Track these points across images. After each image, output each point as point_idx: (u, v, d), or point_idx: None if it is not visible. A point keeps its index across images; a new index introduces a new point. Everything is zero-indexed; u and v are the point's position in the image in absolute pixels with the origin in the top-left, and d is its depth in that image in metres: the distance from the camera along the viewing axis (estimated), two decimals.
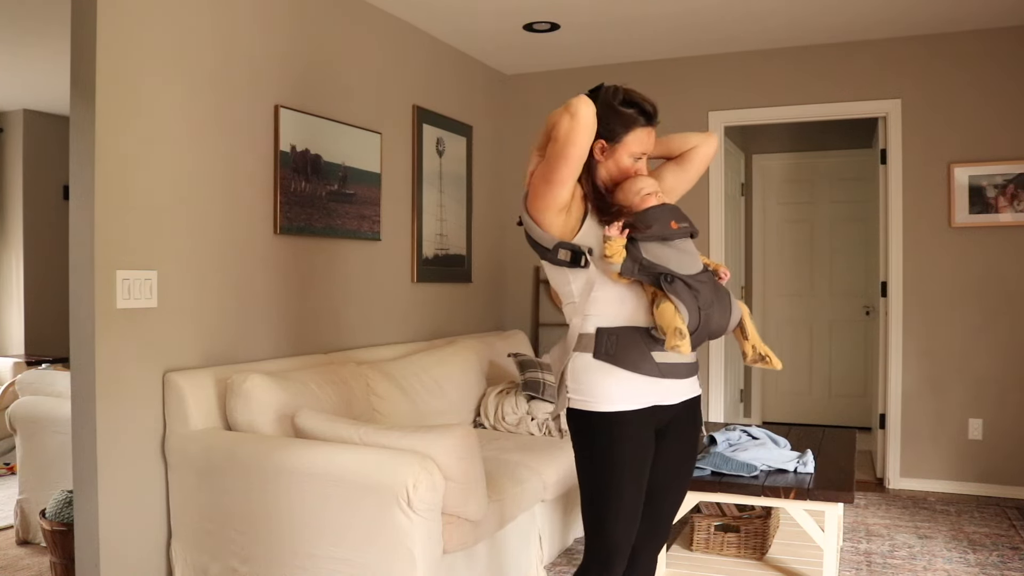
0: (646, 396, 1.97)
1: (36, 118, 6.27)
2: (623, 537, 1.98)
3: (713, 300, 1.93)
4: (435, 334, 4.63)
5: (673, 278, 1.89)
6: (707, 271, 1.99)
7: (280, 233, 3.41)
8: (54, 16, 4.00)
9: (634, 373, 1.94)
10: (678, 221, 1.96)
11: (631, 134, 2.00)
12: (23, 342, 6.22)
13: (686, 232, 1.97)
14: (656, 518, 2.13)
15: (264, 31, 3.34)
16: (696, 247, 2.02)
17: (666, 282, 1.89)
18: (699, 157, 2.16)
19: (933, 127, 4.63)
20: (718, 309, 1.94)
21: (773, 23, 4.44)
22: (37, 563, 3.47)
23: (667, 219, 1.94)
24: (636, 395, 1.95)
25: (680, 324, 1.85)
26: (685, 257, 1.94)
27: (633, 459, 1.96)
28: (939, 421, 4.65)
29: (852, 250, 6.44)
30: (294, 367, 3.25)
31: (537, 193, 1.94)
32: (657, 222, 1.93)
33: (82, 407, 2.66)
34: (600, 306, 1.97)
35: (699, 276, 1.94)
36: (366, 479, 2.45)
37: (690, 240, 2.00)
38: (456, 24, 4.44)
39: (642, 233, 1.91)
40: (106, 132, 2.65)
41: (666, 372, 1.97)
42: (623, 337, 1.94)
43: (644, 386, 1.96)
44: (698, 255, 1.99)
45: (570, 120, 1.84)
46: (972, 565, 3.42)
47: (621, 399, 1.95)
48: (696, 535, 3.33)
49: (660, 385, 1.98)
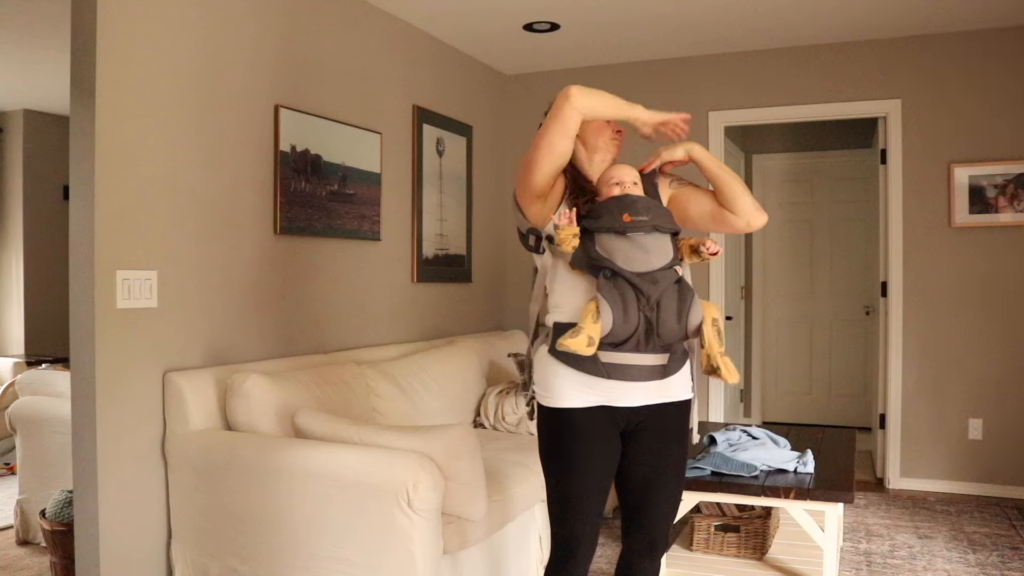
0: (592, 395, 1.95)
1: (36, 118, 6.27)
2: (582, 530, 1.99)
3: (660, 302, 1.84)
4: (435, 334, 4.63)
5: (614, 274, 1.84)
6: (670, 270, 1.88)
7: (280, 233, 3.41)
8: (54, 16, 4.00)
9: (579, 371, 1.93)
10: (634, 214, 1.87)
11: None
12: (23, 342, 6.22)
13: (642, 226, 1.87)
14: (643, 525, 2.06)
15: (264, 31, 3.34)
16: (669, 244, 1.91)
17: (605, 277, 1.85)
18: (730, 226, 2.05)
19: (933, 127, 4.63)
20: (667, 311, 1.84)
21: (773, 23, 4.44)
22: (37, 563, 3.47)
23: (620, 211, 1.88)
24: (582, 393, 1.95)
25: (588, 324, 1.81)
26: (638, 253, 1.85)
27: (585, 455, 1.96)
28: (939, 421, 4.65)
29: (852, 250, 6.44)
30: (294, 367, 3.25)
31: (519, 179, 2.00)
32: (608, 214, 1.88)
33: (82, 407, 2.66)
34: (557, 297, 1.99)
35: (651, 275, 1.84)
36: (366, 479, 2.45)
37: (657, 236, 1.89)
38: (456, 24, 4.44)
39: (592, 223, 1.89)
40: (106, 132, 2.65)
41: (613, 373, 1.91)
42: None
43: (591, 385, 1.94)
44: (663, 253, 1.88)
45: (566, 102, 1.89)
46: (972, 565, 3.42)
47: (569, 396, 1.96)
48: (696, 535, 3.33)
49: (607, 385, 1.93)
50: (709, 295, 5.08)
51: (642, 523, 2.06)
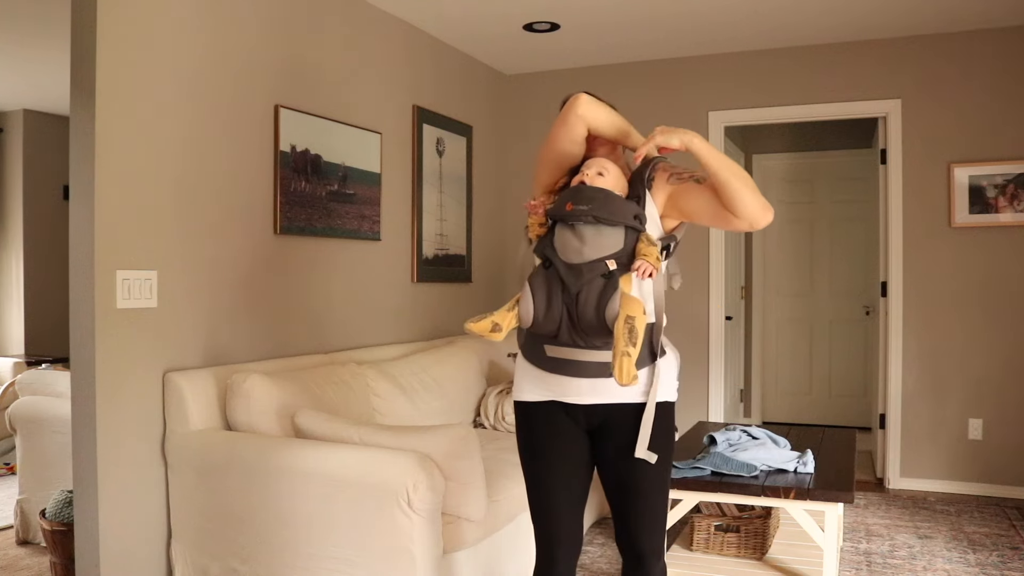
0: (544, 390, 1.98)
1: (36, 118, 6.27)
2: (557, 526, 1.99)
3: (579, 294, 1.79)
4: (435, 334, 4.63)
5: (551, 264, 1.84)
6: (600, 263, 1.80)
7: (280, 233, 3.41)
8: (54, 16, 4.00)
9: (532, 366, 1.99)
10: (576, 203, 1.82)
11: None
12: (23, 342, 6.22)
13: (582, 216, 1.81)
14: (627, 534, 1.98)
15: (264, 31, 3.34)
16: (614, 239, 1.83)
17: (544, 267, 1.85)
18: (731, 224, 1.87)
19: (933, 127, 4.63)
20: (587, 305, 1.78)
21: (773, 23, 4.44)
22: (37, 563, 3.47)
23: (565, 200, 1.86)
24: (536, 388, 1.99)
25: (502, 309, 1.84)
26: (575, 243, 1.81)
27: (546, 448, 1.97)
28: (939, 421, 4.65)
29: (852, 250, 6.44)
30: (294, 367, 3.25)
31: (534, 175, 2.07)
32: (559, 202, 1.88)
33: (82, 407, 2.66)
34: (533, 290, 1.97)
35: (578, 267, 1.80)
36: (366, 479, 2.45)
37: (602, 227, 1.82)
38: (456, 24, 4.44)
39: (549, 212, 1.91)
40: (106, 132, 2.65)
41: (556, 368, 1.90)
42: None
43: (541, 379, 1.97)
44: (604, 246, 1.81)
45: (572, 111, 1.96)
46: (972, 565, 3.42)
47: (526, 390, 2.01)
48: (696, 535, 3.32)
49: (554, 380, 1.94)
50: (709, 295, 5.08)
51: (626, 532, 1.98)
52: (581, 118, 1.95)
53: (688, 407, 5.15)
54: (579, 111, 1.95)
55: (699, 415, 5.14)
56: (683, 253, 5.09)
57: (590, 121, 1.97)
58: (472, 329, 1.80)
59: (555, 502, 1.99)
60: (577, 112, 1.95)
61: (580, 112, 1.95)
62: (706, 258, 5.10)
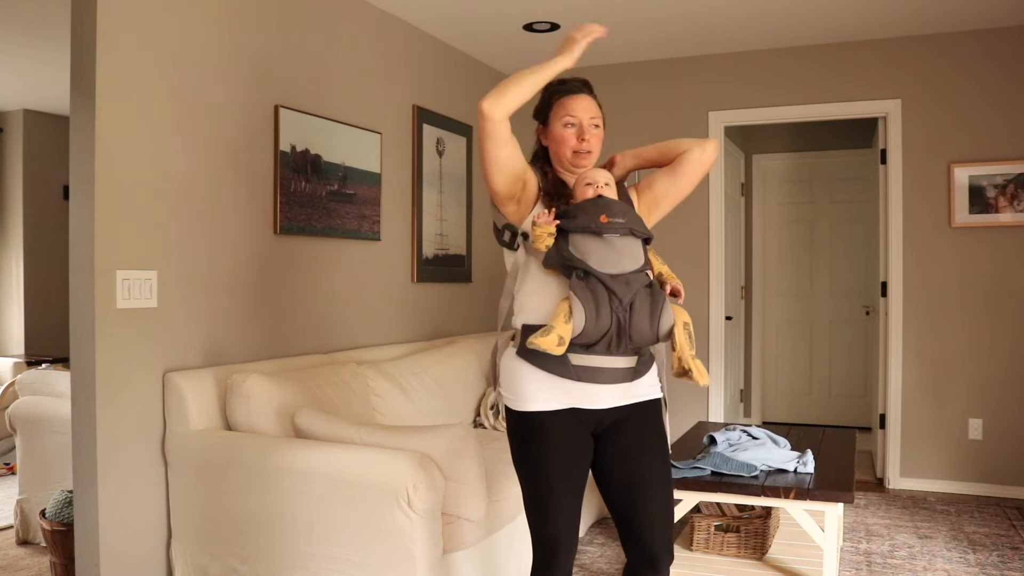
0: (562, 398, 1.94)
1: (36, 118, 6.27)
2: (560, 532, 1.98)
3: (633, 304, 1.84)
4: (435, 334, 4.63)
5: (587, 275, 1.84)
6: (640, 273, 1.89)
7: (280, 233, 3.41)
8: (54, 16, 4.00)
9: (550, 374, 1.93)
10: (611, 216, 1.88)
11: (555, 105, 2.06)
12: (23, 342, 6.22)
13: (619, 228, 1.88)
14: (640, 537, 1.98)
15: (264, 31, 3.34)
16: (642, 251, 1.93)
17: (578, 277, 1.85)
18: (690, 162, 2.05)
19: (933, 127, 4.63)
20: (640, 313, 1.84)
21: (773, 23, 4.44)
22: (37, 563, 3.47)
23: (597, 212, 1.89)
24: (552, 396, 1.94)
25: (559, 324, 1.81)
26: (612, 255, 1.86)
27: (557, 458, 1.95)
28: (939, 421, 4.65)
29: (852, 250, 6.44)
30: (294, 367, 3.25)
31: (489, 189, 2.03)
32: (585, 214, 1.89)
33: (82, 407, 2.66)
34: (526, 297, 1.99)
35: (623, 277, 1.85)
36: (366, 479, 2.45)
37: (631, 240, 1.91)
38: (456, 24, 4.44)
39: (568, 223, 1.90)
40: (106, 132, 2.65)
41: (583, 376, 1.91)
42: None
43: (561, 387, 1.93)
44: (635, 257, 1.90)
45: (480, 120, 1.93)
46: (972, 565, 3.42)
47: (538, 399, 1.94)
48: (696, 535, 3.33)
49: (577, 388, 1.93)
50: (709, 295, 5.08)
51: (638, 535, 1.98)
52: (496, 121, 1.89)
53: (688, 407, 5.15)
54: (490, 116, 1.88)
55: (699, 415, 5.14)
56: (684, 253, 5.09)
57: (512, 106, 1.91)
58: (540, 344, 1.80)
59: (563, 507, 1.98)
60: (490, 118, 1.89)
61: (493, 116, 1.89)
62: (706, 258, 5.10)
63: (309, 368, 3.24)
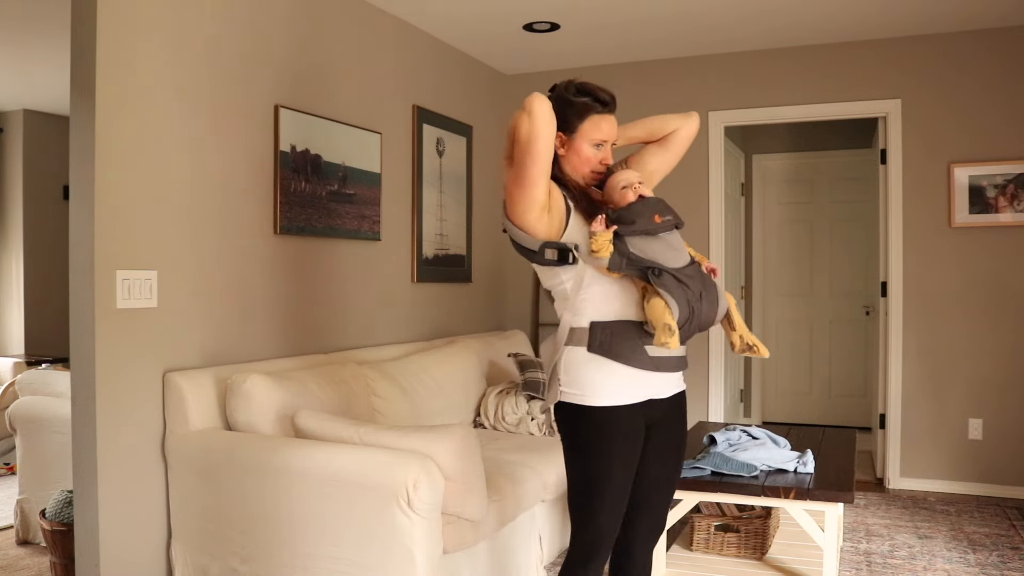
0: (640, 390, 1.99)
1: (36, 118, 6.27)
2: (609, 528, 2.02)
3: (702, 292, 1.93)
4: (435, 334, 4.63)
5: (661, 271, 1.90)
6: (694, 263, 1.98)
7: (280, 233, 3.41)
8: (54, 16, 4.00)
9: (627, 366, 1.96)
10: (661, 214, 1.96)
11: (586, 122, 2.03)
12: (23, 342, 6.22)
13: (670, 225, 1.96)
14: (653, 514, 2.16)
15: (264, 31, 3.34)
16: (683, 240, 2.03)
17: (654, 276, 1.89)
18: (680, 138, 2.16)
19: (933, 127, 4.63)
20: (707, 301, 1.94)
21: (773, 23, 4.44)
22: (37, 563, 3.47)
23: (650, 213, 1.95)
24: (630, 389, 1.98)
25: (669, 320, 1.85)
26: (671, 251, 1.94)
27: (623, 453, 1.98)
28: (939, 421, 4.65)
29: (852, 250, 6.44)
30: (294, 367, 3.25)
31: (514, 199, 1.95)
32: (641, 217, 1.94)
33: (82, 407, 2.66)
34: (592, 301, 1.99)
35: (686, 269, 1.93)
36: (366, 479, 2.45)
37: (676, 233, 1.99)
38: (456, 24, 4.44)
39: (627, 228, 1.92)
40: (106, 132, 2.65)
41: (659, 365, 1.99)
42: (617, 330, 1.96)
43: (638, 379, 1.98)
44: (684, 248, 1.99)
45: (528, 118, 1.87)
46: (972, 565, 3.42)
47: (614, 393, 1.97)
48: (696, 535, 3.33)
49: (653, 378, 2.00)
50: None
51: (652, 509, 2.14)
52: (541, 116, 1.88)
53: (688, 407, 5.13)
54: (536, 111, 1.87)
55: (699, 415, 5.14)
56: None
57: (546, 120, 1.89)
58: (670, 343, 1.84)
59: (620, 505, 2.03)
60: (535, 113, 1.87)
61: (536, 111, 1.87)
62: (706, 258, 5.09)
63: (309, 368, 3.24)
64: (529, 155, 1.88)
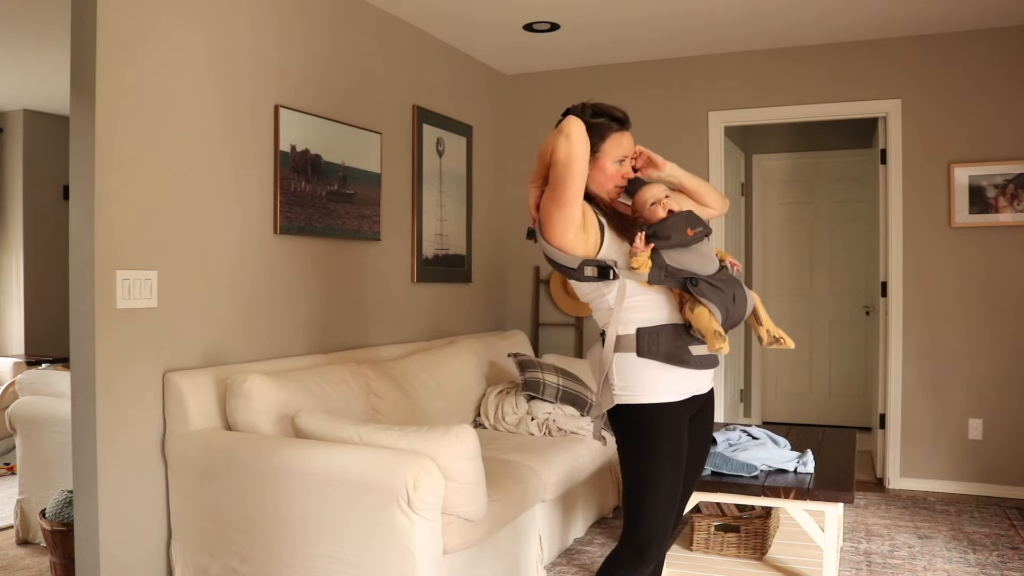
0: (686, 386, 2.13)
1: (36, 118, 6.27)
2: (663, 526, 2.11)
3: (735, 294, 2.07)
4: (435, 334, 4.63)
5: (697, 281, 2.05)
6: (723, 267, 2.12)
7: (280, 233, 3.41)
8: (54, 16, 4.00)
9: (676, 366, 2.09)
10: (693, 227, 2.10)
11: (607, 141, 2.15)
12: (23, 342, 6.22)
13: (702, 236, 2.10)
14: (685, 496, 2.30)
15: (264, 31, 3.34)
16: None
17: (692, 285, 2.03)
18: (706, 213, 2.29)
19: (933, 127, 4.63)
20: (741, 302, 2.09)
21: (773, 23, 4.44)
22: (37, 563, 3.47)
23: (684, 227, 2.09)
24: (679, 386, 2.11)
25: (717, 326, 2.00)
26: (704, 260, 2.08)
27: (676, 448, 2.11)
28: (939, 421, 4.65)
29: (852, 250, 6.44)
30: (294, 367, 3.25)
31: (552, 219, 2.05)
32: (675, 232, 2.07)
33: (82, 407, 2.66)
34: (636, 310, 2.11)
35: (718, 275, 2.08)
36: (366, 479, 2.45)
37: (707, 241, 2.13)
38: (456, 24, 4.44)
39: (663, 243, 2.05)
40: (106, 132, 2.65)
41: (703, 364, 2.13)
42: (663, 335, 2.09)
43: (684, 378, 2.12)
44: (714, 254, 2.13)
45: (566, 140, 1.99)
46: (972, 565, 3.42)
47: (666, 391, 2.09)
48: (696, 535, 3.32)
49: (696, 376, 2.15)
50: None
51: (685, 492, 2.28)
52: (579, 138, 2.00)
53: None
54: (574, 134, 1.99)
55: None
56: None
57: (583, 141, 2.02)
58: (724, 349, 1.98)
59: (674, 501, 2.12)
60: (574, 136, 1.99)
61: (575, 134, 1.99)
62: None
63: (309, 368, 3.24)
64: (569, 175, 1.99)
